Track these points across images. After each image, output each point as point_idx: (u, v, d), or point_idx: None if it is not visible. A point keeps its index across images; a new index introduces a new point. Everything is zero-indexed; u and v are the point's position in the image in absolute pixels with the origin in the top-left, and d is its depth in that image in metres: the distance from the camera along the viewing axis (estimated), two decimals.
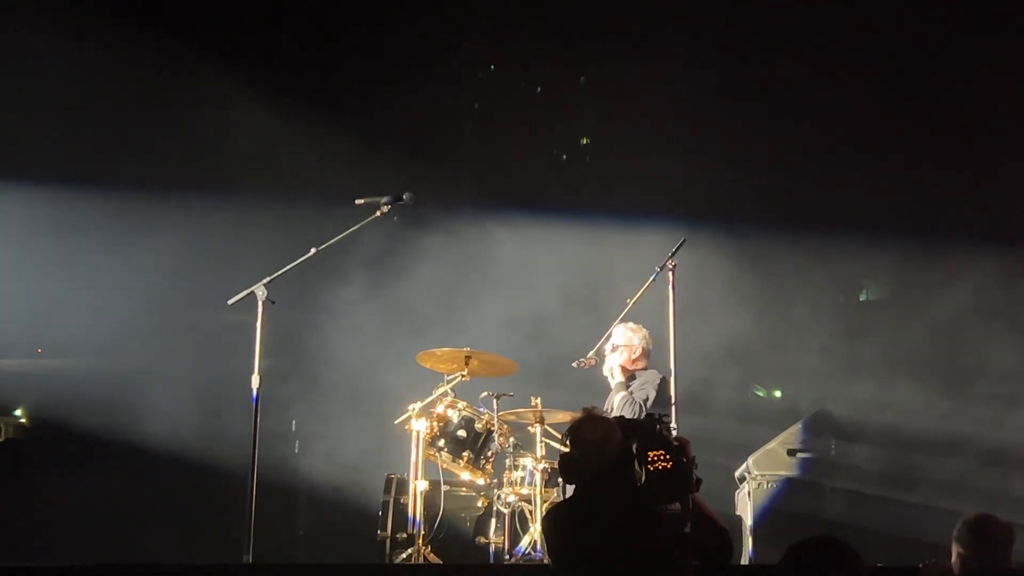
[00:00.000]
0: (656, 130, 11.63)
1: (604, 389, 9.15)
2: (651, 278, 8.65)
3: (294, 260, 8.01)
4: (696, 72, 11.74)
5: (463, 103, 13.04)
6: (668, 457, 5.03)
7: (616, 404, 8.85)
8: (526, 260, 11.37)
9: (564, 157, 13.12)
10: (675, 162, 11.46)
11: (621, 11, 11.91)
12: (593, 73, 12.56)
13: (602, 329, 9.10)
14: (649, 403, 8.69)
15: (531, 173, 12.49)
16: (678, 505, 5.02)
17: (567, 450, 5.51)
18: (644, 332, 9.11)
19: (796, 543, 4.38)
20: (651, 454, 5.03)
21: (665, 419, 5.31)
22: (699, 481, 5.06)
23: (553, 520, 5.53)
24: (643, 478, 5.02)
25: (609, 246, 11.17)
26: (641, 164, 11.59)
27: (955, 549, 5.69)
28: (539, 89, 13.00)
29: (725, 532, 5.34)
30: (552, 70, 12.73)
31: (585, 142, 13.20)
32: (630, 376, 9.04)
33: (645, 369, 9.07)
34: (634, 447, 5.10)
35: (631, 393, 8.86)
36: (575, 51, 12.34)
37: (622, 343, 9.06)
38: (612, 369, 9.05)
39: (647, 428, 5.15)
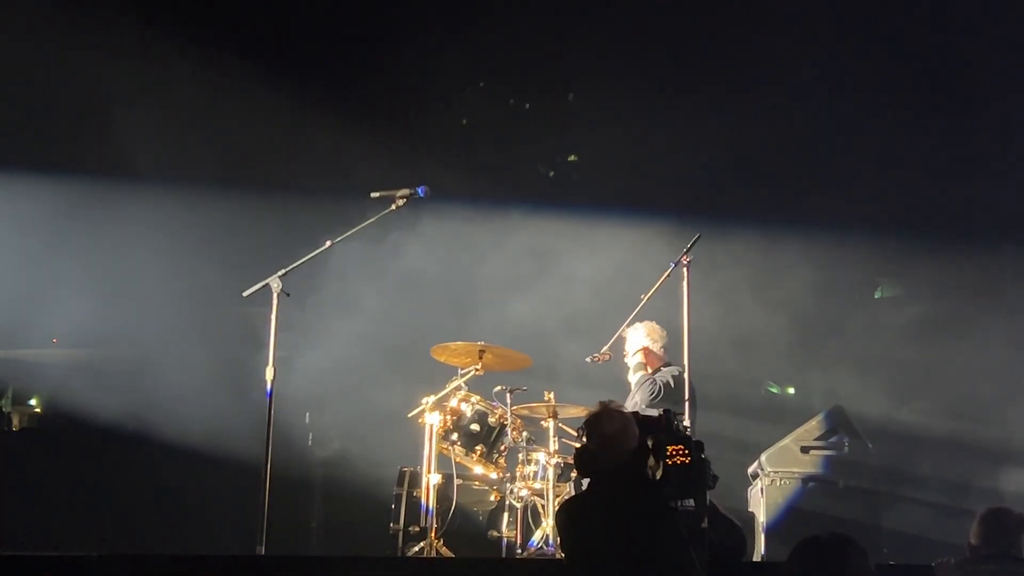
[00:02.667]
0: (667, 126, 11.61)
1: (618, 383, 9.14)
2: (666, 273, 8.63)
3: (310, 252, 8.01)
4: (705, 69, 11.71)
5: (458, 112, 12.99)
6: (687, 452, 5.03)
7: (633, 384, 8.84)
8: (539, 255, 11.37)
9: (551, 174, 13.08)
10: (688, 158, 11.44)
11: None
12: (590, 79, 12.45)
13: (616, 323, 9.07)
14: (671, 385, 8.71)
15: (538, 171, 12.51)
16: (692, 502, 5.02)
17: (583, 443, 5.50)
18: (647, 328, 9.10)
19: (804, 539, 4.39)
20: (670, 448, 5.04)
21: (679, 417, 5.31)
22: (715, 478, 5.06)
23: (568, 514, 5.53)
24: (660, 473, 5.02)
25: (624, 241, 11.16)
26: (652, 160, 11.56)
27: (971, 542, 5.76)
28: (527, 105, 12.95)
29: (739, 529, 5.35)
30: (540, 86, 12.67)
31: (573, 159, 13.16)
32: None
33: (667, 364, 9.08)
34: (650, 443, 5.10)
35: (654, 378, 8.88)
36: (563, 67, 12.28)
37: (631, 350, 9.13)
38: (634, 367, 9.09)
39: (664, 424, 5.15)
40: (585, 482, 8.05)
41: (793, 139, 11.57)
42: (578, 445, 5.56)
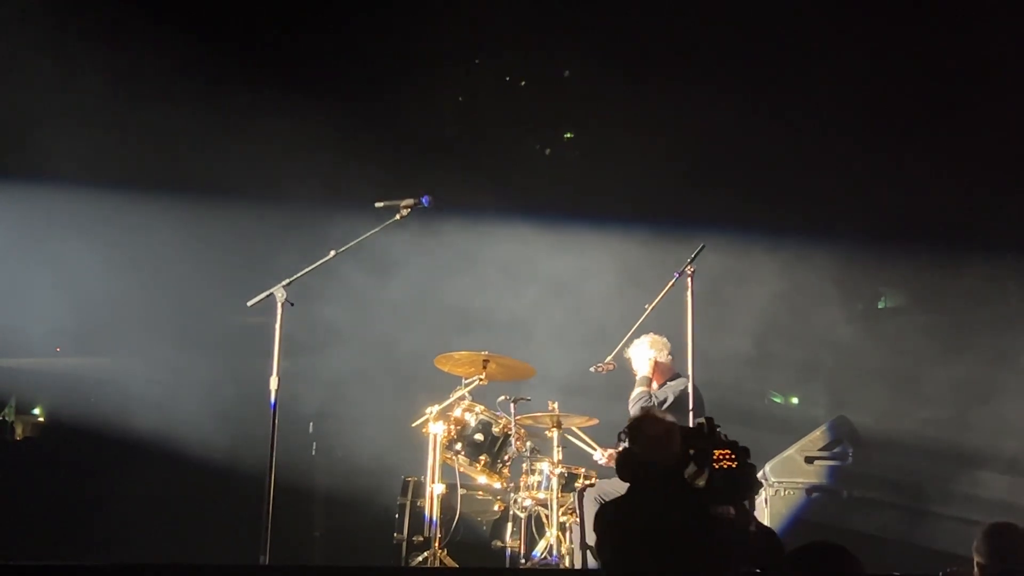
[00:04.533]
0: (675, 136, 11.60)
1: (623, 394, 9.12)
2: (670, 283, 8.61)
3: (314, 262, 8.01)
4: (709, 74, 11.69)
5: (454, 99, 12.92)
6: (733, 456, 5.04)
7: (632, 397, 8.77)
8: (544, 263, 11.37)
9: (547, 151, 13.01)
10: (694, 167, 11.44)
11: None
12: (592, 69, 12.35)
13: (620, 333, 9.04)
14: (665, 405, 8.63)
15: (545, 177, 12.47)
16: (732, 509, 5.03)
17: (626, 447, 5.49)
18: (651, 340, 9.03)
19: (795, 549, 4.39)
20: (716, 452, 5.04)
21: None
22: (760, 485, 5.08)
23: (607, 517, 5.48)
24: (705, 478, 5.02)
25: (627, 250, 11.15)
26: (661, 169, 11.54)
27: (975, 558, 5.71)
28: (523, 83, 12.88)
29: (776, 538, 5.34)
30: (536, 64, 12.59)
31: (568, 136, 13.09)
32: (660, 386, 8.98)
33: (675, 376, 9.00)
34: (691, 451, 5.10)
35: (651, 393, 8.79)
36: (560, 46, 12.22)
37: (639, 366, 9.01)
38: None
39: (707, 431, 5.15)
40: (598, 485, 8.13)
41: (795, 147, 11.57)
42: (623, 447, 5.54)
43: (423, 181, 9.20)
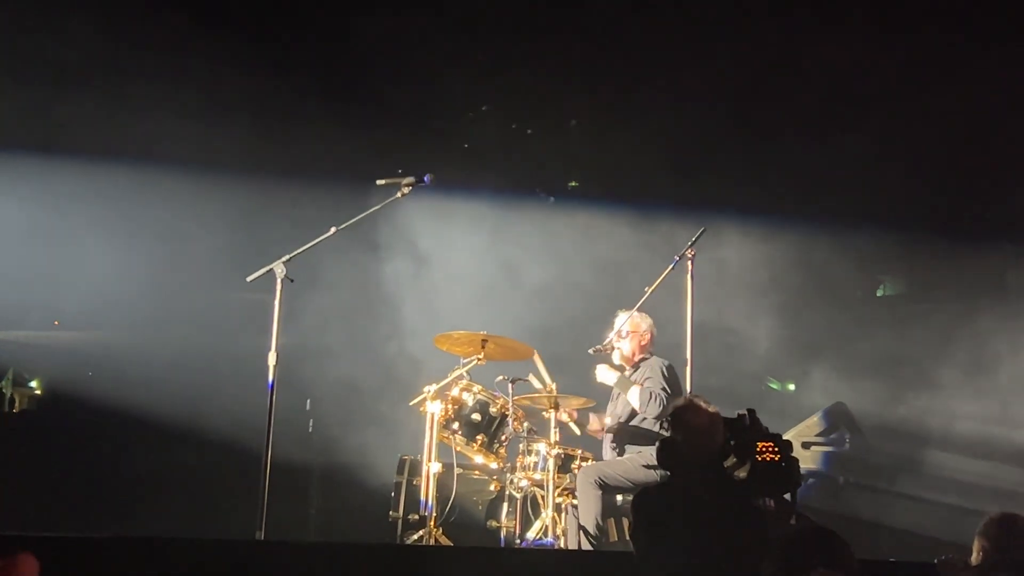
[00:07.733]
0: (671, 122, 11.57)
1: None
2: (670, 267, 8.58)
3: (314, 238, 7.99)
4: (715, 68, 11.65)
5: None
6: (776, 449, 5.02)
7: (636, 402, 8.54)
8: (543, 247, 11.36)
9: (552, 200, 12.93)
10: (695, 154, 11.41)
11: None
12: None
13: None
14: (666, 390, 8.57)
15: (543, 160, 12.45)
16: (772, 502, 5.01)
17: (668, 435, 5.45)
18: (650, 320, 8.98)
19: (785, 534, 4.39)
20: (759, 445, 5.02)
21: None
22: (802, 479, 5.06)
23: (645, 503, 5.45)
24: (745, 471, 5.01)
25: (628, 233, 11.15)
26: (660, 156, 11.51)
27: (978, 543, 5.71)
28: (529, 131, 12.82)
29: (811, 522, 5.34)
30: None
31: (573, 184, 13.03)
32: (634, 365, 8.87)
33: (650, 356, 8.91)
34: (732, 442, 5.09)
35: (645, 387, 8.62)
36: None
37: (631, 329, 8.85)
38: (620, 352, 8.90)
39: (749, 423, 5.13)
40: (597, 467, 8.12)
41: (793, 132, 11.54)
42: (665, 435, 5.50)
43: (422, 159, 9.18)
